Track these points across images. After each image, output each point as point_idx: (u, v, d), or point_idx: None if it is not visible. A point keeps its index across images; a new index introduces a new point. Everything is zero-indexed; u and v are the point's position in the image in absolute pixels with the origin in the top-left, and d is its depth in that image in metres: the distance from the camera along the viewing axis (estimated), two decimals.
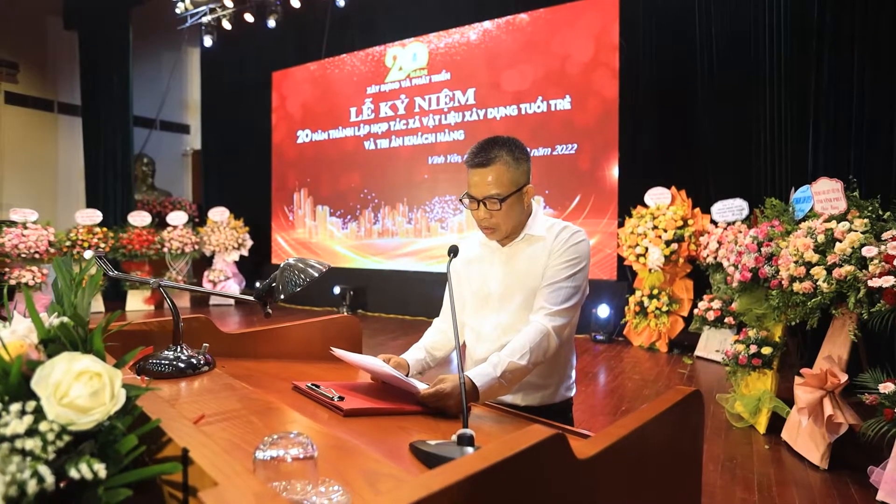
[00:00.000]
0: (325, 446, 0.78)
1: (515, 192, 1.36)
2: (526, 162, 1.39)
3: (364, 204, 8.51)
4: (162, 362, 1.13)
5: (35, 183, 9.46)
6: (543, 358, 1.23)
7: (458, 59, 7.53)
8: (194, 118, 11.43)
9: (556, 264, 1.34)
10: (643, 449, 0.71)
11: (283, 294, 1.22)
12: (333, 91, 8.79)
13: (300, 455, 0.56)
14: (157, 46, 10.37)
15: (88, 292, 0.72)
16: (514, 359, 1.17)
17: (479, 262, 1.47)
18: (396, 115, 8.11)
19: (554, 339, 1.25)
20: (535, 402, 1.36)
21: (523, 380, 1.33)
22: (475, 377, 1.10)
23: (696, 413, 0.85)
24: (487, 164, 1.34)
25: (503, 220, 1.37)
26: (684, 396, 0.83)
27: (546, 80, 6.83)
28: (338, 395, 0.99)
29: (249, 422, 0.83)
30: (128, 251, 8.25)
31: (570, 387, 1.44)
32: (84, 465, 0.50)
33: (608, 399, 4.30)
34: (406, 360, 1.32)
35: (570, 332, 1.41)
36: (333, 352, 1.19)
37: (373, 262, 8.45)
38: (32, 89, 9.49)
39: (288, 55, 9.15)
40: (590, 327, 6.30)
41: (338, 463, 0.68)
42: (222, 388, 1.03)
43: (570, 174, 6.68)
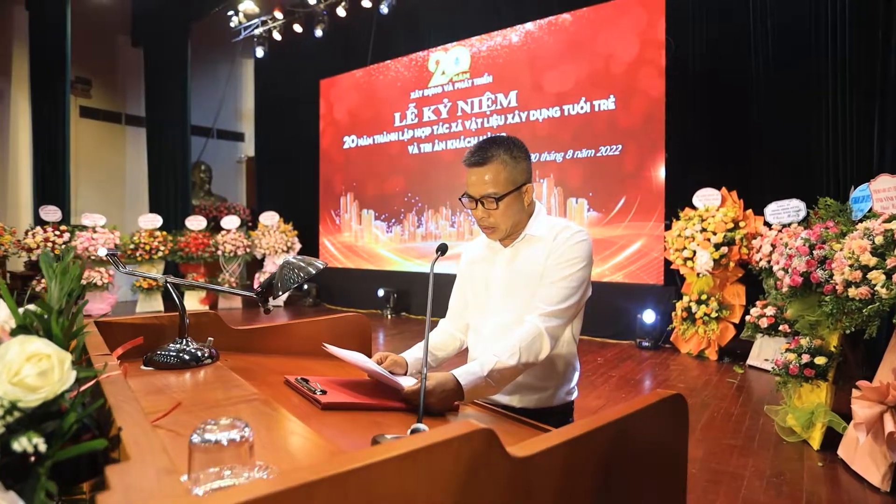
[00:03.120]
0: (286, 436, 0.79)
1: (513, 191, 1.33)
2: (524, 160, 1.36)
3: (408, 207, 8.60)
4: (167, 354, 1.19)
5: (105, 190, 10.13)
6: (535, 359, 1.20)
7: (500, 61, 7.50)
8: (248, 126, 11.93)
9: (554, 264, 1.31)
10: (604, 451, 0.68)
11: (281, 291, 1.25)
12: (378, 97, 8.95)
13: (235, 439, 0.57)
14: (213, 59, 10.91)
15: (66, 284, 0.76)
16: (503, 358, 1.14)
17: (482, 262, 1.45)
18: (439, 119, 8.16)
19: (547, 340, 1.22)
20: (532, 404, 1.33)
21: (519, 381, 1.30)
22: (461, 375, 1.08)
23: (676, 418, 0.80)
24: (484, 163, 1.33)
25: (501, 220, 1.35)
26: (661, 399, 0.78)
27: (589, 80, 6.69)
28: (320, 389, 1.00)
29: (226, 411, 0.85)
30: (185, 254, 8.68)
31: (570, 390, 1.39)
32: (25, 440, 0.53)
33: None
34: (404, 359, 1.32)
35: (572, 334, 1.37)
36: (325, 347, 1.20)
37: (416, 266, 8.52)
38: (103, 103, 10.19)
39: (335, 63, 9.40)
40: (635, 333, 6.11)
41: (294, 452, 0.69)
42: (216, 380, 1.07)
43: (615, 176, 6.50)
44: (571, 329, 1.36)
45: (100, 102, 10.13)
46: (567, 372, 1.36)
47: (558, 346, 1.33)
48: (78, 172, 9.55)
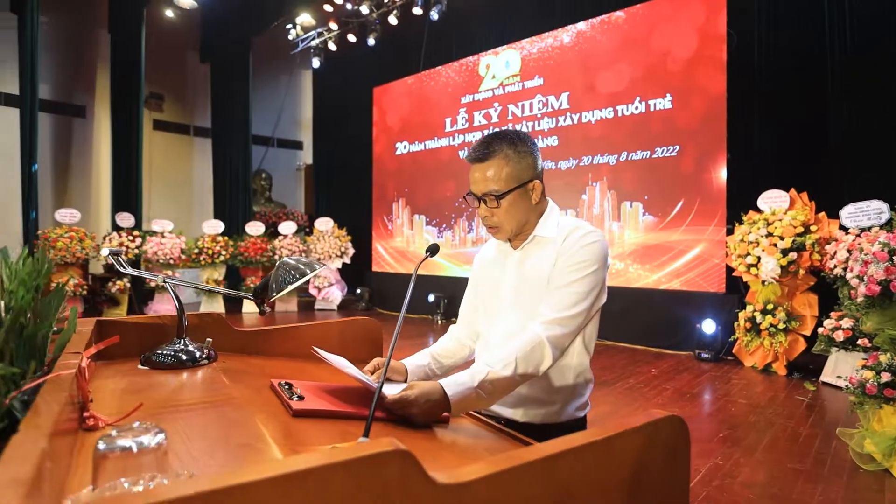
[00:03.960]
0: (237, 444, 0.74)
1: (517, 188, 1.25)
2: (530, 155, 1.27)
3: (458, 213, 8.56)
4: (164, 353, 1.19)
5: (174, 197, 10.74)
6: (535, 370, 1.10)
7: (552, 63, 7.34)
8: (307, 135, 12.32)
9: (562, 267, 1.20)
10: (565, 482, 0.59)
11: (275, 291, 1.23)
12: (429, 103, 8.99)
13: (147, 445, 0.53)
14: (274, 71, 11.36)
15: (30, 282, 0.75)
16: (496, 368, 1.05)
17: (492, 265, 1.37)
18: (490, 124, 8.09)
19: (549, 350, 1.12)
20: (537, 419, 1.23)
21: (523, 393, 1.21)
22: (448, 386, 1.00)
23: (672, 446, 0.69)
24: (485, 159, 1.25)
25: (505, 219, 1.27)
26: (651, 422, 0.68)
27: (644, 78, 6.41)
28: (298, 395, 0.96)
29: (192, 414, 0.82)
30: (244, 258, 9.04)
31: (582, 405, 1.28)
32: None
33: (702, 424, 3.87)
34: (403, 365, 1.25)
35: (584, 344, 1.26)
36: (314, 351, 1.16)
37: (466, 271, 8.44)
38: (174, 116, 10.83)
39: (388, 71, 9.54)
40: (693, 344, 5.76)
41: (233, 461, 0.65)
42: (201, 382, 1.05)
43: (672, 178, 6.19)
44: (583, 338, 1.26)
45: (171, 116, 10.77)
46: (578, 385, 1.25)
47: (567, 356, 1.23)
48: (151, 181, 10.19)
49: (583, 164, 6.96)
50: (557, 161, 7.23)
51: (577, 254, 1.20)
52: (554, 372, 1.21)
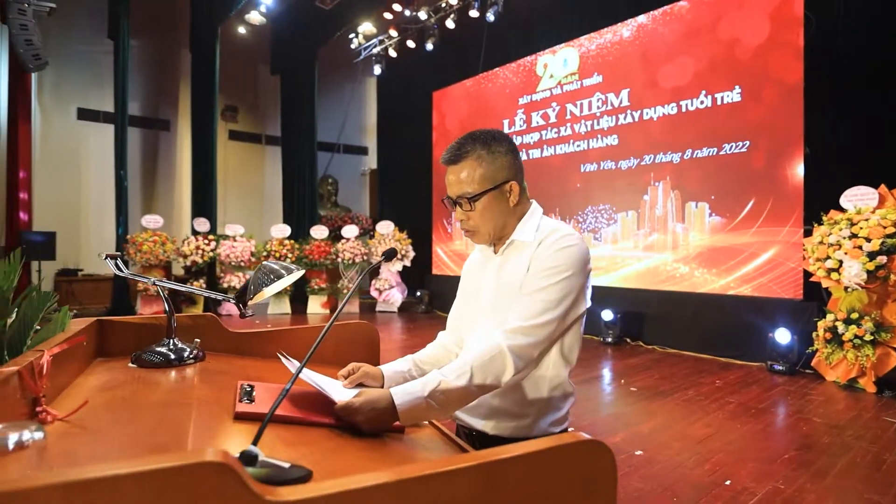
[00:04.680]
0: (157, 443, 0.75)
1: (492, 190, 1.19)
2: (505, 155, 1.21)
3: None
4: (152, 353, 1.24)
5: (247, 203, 11.38)
6: (495, 381, 1.04)
7: (611, 59, 7.07)
8: (371, 140, 12.64)
9: (534, 273, 1.14)
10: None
11: (252, 294, 1.25)
12: (487, 105, 8.94)
13: (22, 442, 0.55)
14: (339, 79, 11.76)
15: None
16: (449, 378, 1.00)
17: (475, 270, 1.32)
18: (548, 124, 7.92)
19: (510, 360, 1.05)
20: (507, 432, 1.16)
21: (494, 404, 1.15)
22: (397, 394, 0.96)
23: (590, 475, 0.62)
24: (458, 161, 1.20)
25: (480, 222, 1.22)
26: (560, 446, 0.61)
27: (710, 71, 6.03)
28: (248, 398, 0.96)
29: (138, 407, 0.85)
30: (309, 260, 9.39)
31: (558, 421, 1.19)
32: None
33: (767, 442, 3.56)
34: (380, 371, 1.22)
35: (562, 355, 1.17)
36: (280, 355, 1.16)
37: None
38: (247, 126, 11.49)
39: (447, 75, 9.59)
40: (766, 354, 5.33)
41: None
42: (175, 380, 1.09)
43: (741, 176, 5.76)
44: (561, 348, 1.18)
45: (245, 126, 11.43)
46: (553, 399, 1.17)
47: (542, 367, 1.15)
48: (226, 188, 10.85)
49: (644, 164, 6.65)
50: (617, 161, 6.96)
51: (550, 259, 1.13)
52: (528, 383, 1.15)
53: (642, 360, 5.86)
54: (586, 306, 1.17)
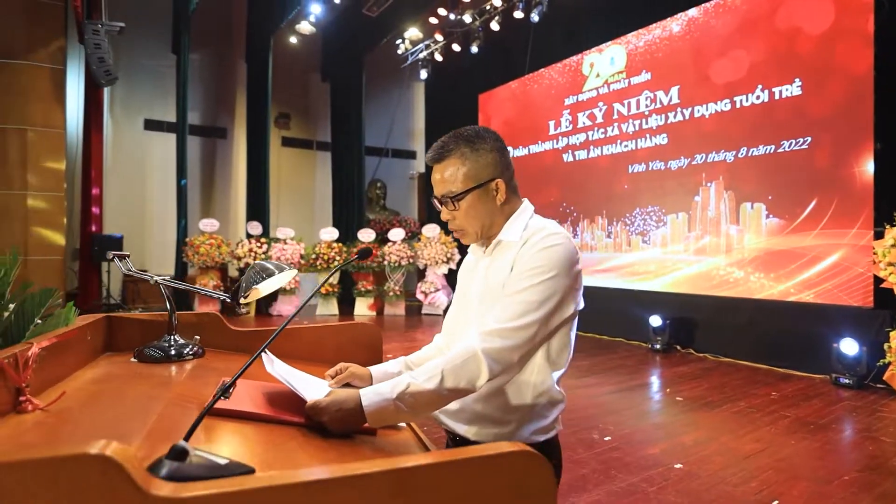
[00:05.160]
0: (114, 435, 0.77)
1: (476, 188, 1.15)
2: (490, 153, 1.16)
3: (563, 218, 8.28)
4: (153, 348, 1.28)
5: (299, 207, 11.74)
6: (469, 385, 0.99)
7: (660, 55, 6.81)
8: (419, 144, 12.76)
9: (516, 273, 1.09)
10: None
11: (244, 292, 1.26)
12: (533, 106, 8.83)
13: None
14: (387, 84, 11.94)
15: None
16: (419, 381, 0.96)
17: (468, 271, 1.29)
18: (594, 125, 7.73)
19: (485, 363, 1.00)
20: (489, 439, 1.11)
21: (477, 409, 1.11)
22: (366, 395, 0.94)
23: (525, 490, 0.57)
24: (441, 159, 1.17)
25: (465, 221, 1.18)
26: (489, 456, 0.57)
27: (767, 63, 5.69)
28: (224, 395, 0.97)
29: (114, 399, 0.87)
30: (356, 263, 9.56)
31: (542, 429, 1.13)
32: None
33: (826, 461, 3.30)
34: (368, 372, 1.20)
35: (548, 360, 1.11)
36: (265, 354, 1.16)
37: None
38: (299, 133, 11.86)
39: (492, 77, 9.55)
40: (830, 366, 4.95)
41: None
42: (167, 376, 1.12)
43: (802, 174, 5.40)
44: (547, 353, 1.12)
45: (297, 132, 11.81)
46: (538, 406, 1.11)
47: (525, 372, 1.10)
48: (279, 193, 11.24)
49: (696, 163, 6.36)
50: (667, 161, 6.69)
51: (533, 259, 1.08)
52: (511, 389, 1.10)
53: (692, 368, 5.59)
54: (575, 308, 1.11)
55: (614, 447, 3.44)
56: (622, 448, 3.42)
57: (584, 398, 4.59)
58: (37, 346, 0.95)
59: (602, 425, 3.86)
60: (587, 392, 4.79)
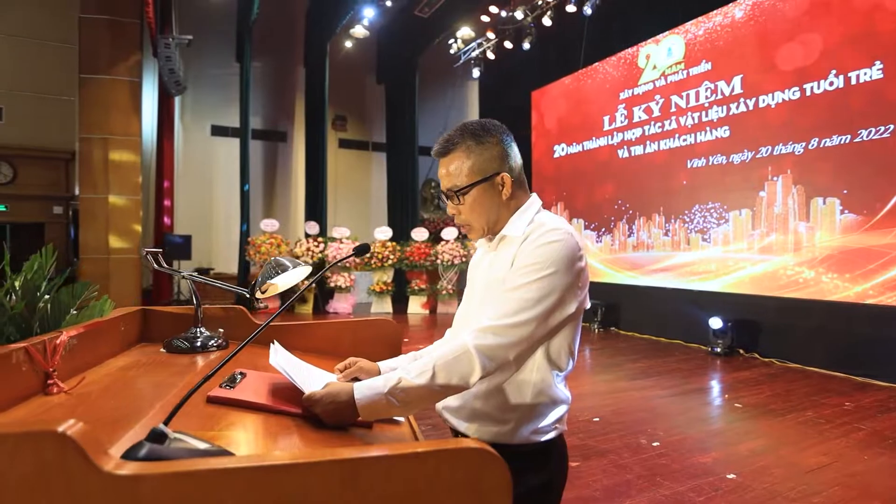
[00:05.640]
0: (114, 417, 0.82)
1: (481, 182, 1.13)
2: (496, 146, 1.14)
3: (618, 216, 8.04)
4: (180, 340, 1.35)
5: (355, 207, 12.04)
6: (461, 382, 0.97)
7: (721, 44, 6.46)
8: None
9: (515, 269, 1.06)
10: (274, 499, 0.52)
11: (259, 286, 1.31)
12: (587, 102, 8.62)
13: None
14: (440, 85, 12.01)
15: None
16: (410, 376, 0.96)
17: (475, 267, 1.27)
18: (651, 119, 7.44)
19: (477, 360, 0.98)
20: (488, 437, 1.09)
21: (476, 407, 1.09)
22: (359, 389, 0.94)
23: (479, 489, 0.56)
24: (446, 153, 1.16)
25: (470, 216, 1.16)
26: (441, 450, 0.56)
27: (843, 46, 5.27)
28: (229, 384, 1.01)
29: (127, 385, 0.93)
30: (409, 262, 9.70)
31: (542, 430, 1.09)
32: None
33: None
34: (377, 367, 1.21)
35: (548, 359, 1.08)
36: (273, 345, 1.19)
37: (627, 278, 7.89)
38: (355, 134, 12.15)
39: (545, 73, 9.39)
40: None
41: None
42: (186, 365, 1.18)
43: (882, 166, 4.97)
44: (547, 352, 1.08)
45: (353, 134, 12.11)
46: (538, 405, 1.08)
47: (525, 371, 1.07)
48: (336, 193, 11.57)
49: (760, 156, 5.99)
50: (729, 154, 6.34)
51: (531, 255, 1.05)
52: (510, 387, 1.07)
53: (755, 373, 5.27)
54: (579, 307, 1.07)
55: (662, 453, 3.30)
56: (670, 455, 3.28)
57: (635, 401, 4.44)
58: (66, 335, 1.03)
59: (651, 430, 3.71)
60: (638, 395, 4.63)
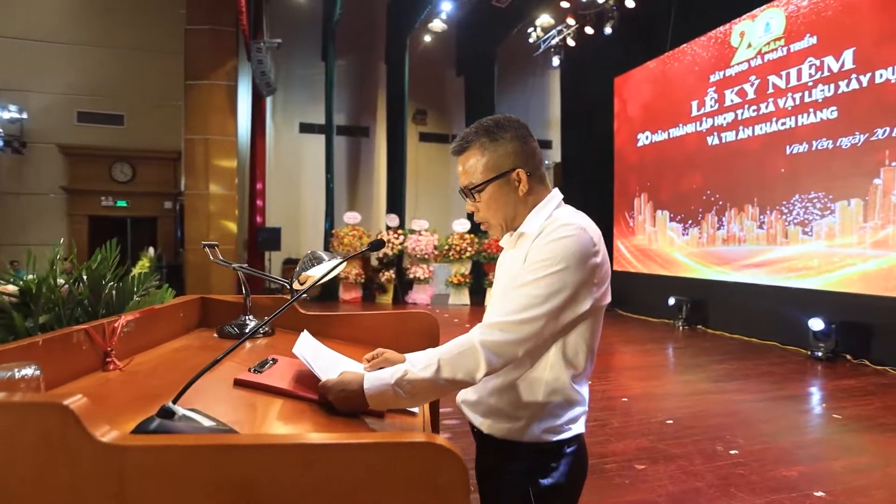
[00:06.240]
0: (141, 395, 0.91)
1: (496, 179, 1.11)
2: (511, 142, 1.11)
3: (706, 207, 7.54)
4: (231, 326, 1.47)
5: (435, 199, 12.21)
6: (467, 377, 0.96)
7: (829, 14, 5.83)
8: (555, 133, 12.48)
9: (527, 265, 1.03)
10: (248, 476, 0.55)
11: (296, 277, 1.38)
12: (673, 86, 8.13)
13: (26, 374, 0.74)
14: (520, 75, 11.85)
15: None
16: (415, 368, 0.96)
17: (500, 265, 1.26)
18: (745, 101, 6.88)
19: (482, 356, 0.96)
20: (501, 433, 1.08)
21: (491, 403, 1.08)
22: (369, 379, 0.96)
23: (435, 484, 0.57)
24: (462, 151, 1.15)
25: (487, 213, 1.15)
26: (394, 442, 0.57)
27: None
28: (257, 369, 1.08)
29: (168, 366, 1.04)
30: (487, 255, 9.71)
31: (553, 429, 1.05)
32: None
33: None
34: (404, 357, 1.23)
35: (564, 357, 1.04)
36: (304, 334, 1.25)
37: (716, 273, 7.40)
38: (435, 128, 12.31)
39: (629, 58, 8.96)
40: None
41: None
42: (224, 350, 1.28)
43: None
44: (563, 350, 1.05)
45: (433, 127, 12.27)
46: (550, 404, 1.04)
47: (538, 368, 1.04)
48: (417, 186, 11.80)
49: (875, 139, 5.35)
50: (836, 138, 5.72)
51: (541, 251, 1.02)
52: (523, 384, 1.05)
53: (862, 382, 4.76)
54: (594, 304, 1.02)
55: (740, 462, 3.08)
56: (749, 465, 3.05)
57: (715, 405, 4.17)
58: (124, 319, 1.15)
59: (730, 437, 3.48)
60: (720, 398, 4.35)
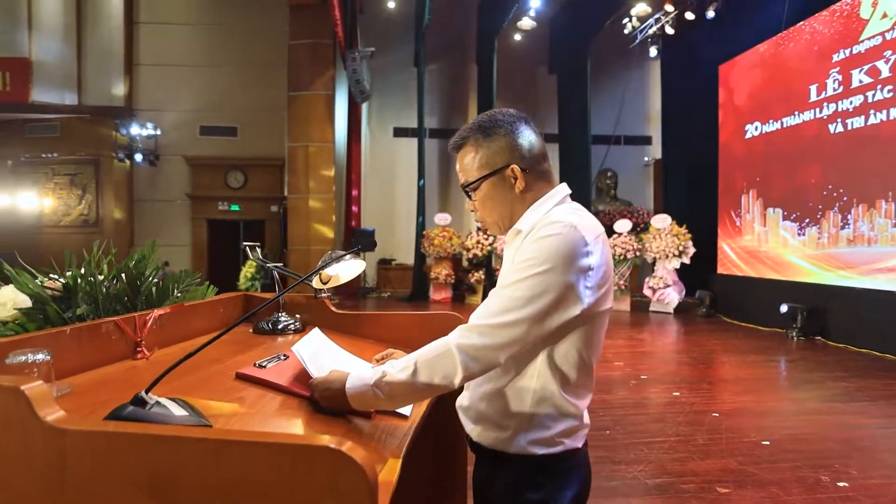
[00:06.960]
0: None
1: (490, 176, 1.06)
2: (505, 137, 1.05)
3: (828, 203, 6.72)
4: (266, 322, 1.56)
5: None
6: (444, 381, 0.91)
7: None
8: (655, 129, 11.80)
9: (513, 266, 0.98)
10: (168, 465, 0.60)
11: (316, 273, 1.42)
12: (787, 70, 7.33)
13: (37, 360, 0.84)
14: (615, 69, 11.33)
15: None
16: (393, 370, 0.93)
17: (504, 262, 1.21)
18: (877, 82, 6.03)
19: (458, 359, 0.92)
20: (488, 442, 1.03)
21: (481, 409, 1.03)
22: (351, 379, 0.95)
23: (337, 489, 0.57)
24: (458, 149, 1.11)
25: (483, 211, 1.10)
26: (293, 444, 0.57)
27: None
28: (262, 364, 1.13)
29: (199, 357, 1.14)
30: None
31: (541, 441, 0.98)
32: None
33: None
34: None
35: (552, 366, 0.97)
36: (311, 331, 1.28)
37: (839, 278, 6.57)
38: None
39: (735, 43, 8.22)
40: None
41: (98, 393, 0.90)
42: (253, 344, 1.36)
43: None
44: (549, 358, 0.97)
45: None
46: (537, 415, 0.97)
47: (525, 377, 0.98)
48: None
49: None
50: None
51: (526, 251, 0.95)
52: (510, 392, 0.99)
53: None
54: (588, 310, 0.94)
55: (847, 496, 2.70)
56: (861, 500, 2.66)
57: (826, 428, 3.69)
58: (155, 313, 1.27)
59: (840, 466, 3.06)
60: (834, 420, 3.84)
